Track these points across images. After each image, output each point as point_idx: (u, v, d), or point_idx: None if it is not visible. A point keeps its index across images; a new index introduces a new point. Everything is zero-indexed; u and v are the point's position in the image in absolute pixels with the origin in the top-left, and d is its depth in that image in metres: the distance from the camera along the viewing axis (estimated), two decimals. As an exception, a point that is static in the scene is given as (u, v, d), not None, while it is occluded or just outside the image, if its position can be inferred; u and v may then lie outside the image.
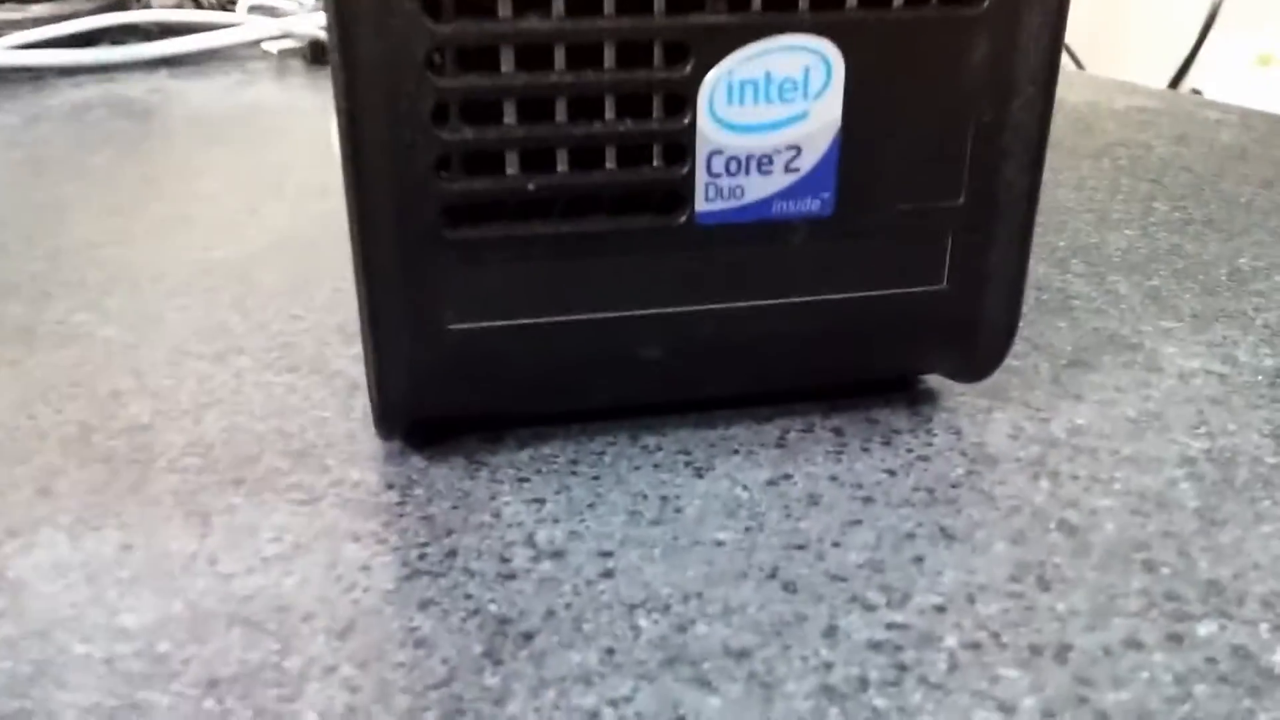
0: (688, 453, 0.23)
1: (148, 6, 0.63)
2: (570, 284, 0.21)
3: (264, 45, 0.61)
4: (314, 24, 0.59)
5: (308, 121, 0.50)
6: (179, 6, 0.64)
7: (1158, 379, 0.27)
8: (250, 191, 0.40)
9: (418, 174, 0.19)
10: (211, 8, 0.64)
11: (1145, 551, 0.20)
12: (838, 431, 0.24)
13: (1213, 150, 0.47)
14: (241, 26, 0.59)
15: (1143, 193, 0.41)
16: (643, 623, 0.18)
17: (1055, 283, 0.32)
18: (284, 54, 0.61)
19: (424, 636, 0.18)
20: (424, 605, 0.19)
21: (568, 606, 0.19)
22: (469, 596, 0.19)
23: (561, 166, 0.20)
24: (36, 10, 0.57)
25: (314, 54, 0.60)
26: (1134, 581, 0.19)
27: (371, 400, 0.21)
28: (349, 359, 0.27)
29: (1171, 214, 0.39)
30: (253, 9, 0.63)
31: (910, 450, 0.24)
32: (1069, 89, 0.58)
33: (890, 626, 0.18)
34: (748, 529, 0.21)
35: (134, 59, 0.58)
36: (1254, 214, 0.39)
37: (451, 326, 0.21)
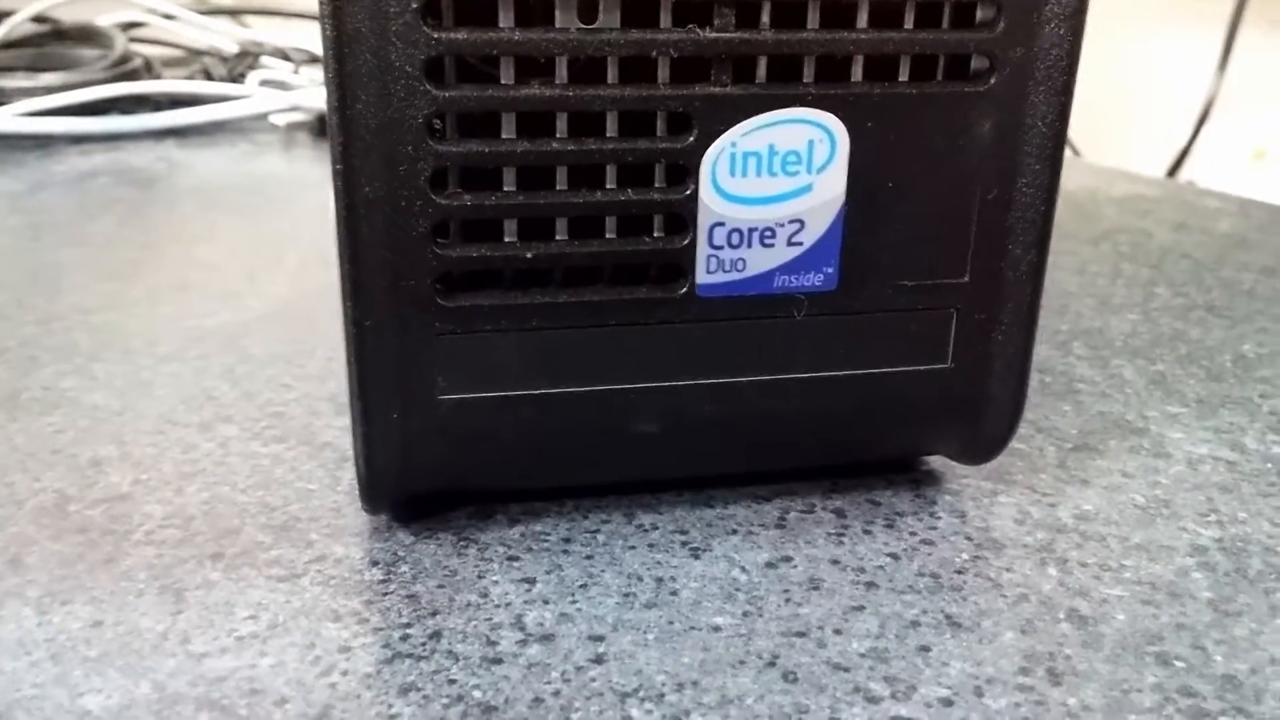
0: (684, 532, 0.23)
1: (158, 77, 0.63)
2: (566, 355, 0.21)
3: (272, 118, 0.62)
4: (322, 98, 0.60)
5: (313, 194, 0.50)
6: (189, 78, 0.65)
7: (1165, 465, 0.26)
8: (250, 261, 0.40)
9: (413, 239, 0.19)
10: (221, 80, 0.65)
11: (1158, 644, 0.19)
12: (839, 513, 0.24)
13: (1212, 238, 0.47)
14: (250, 99, 0.60)
15: (1144, 278, 0.41)
16: (635, 713, 0.17)
17: (1059, 365, 0.32)
18: (291, 127, 0.62)
19: (403, 723, 0.17)
20: (404, 691, 0.18)
21: (556, 694, 0.18)
22: (452, 681, 0.18)
23: (560, 235, 0.20)
24: (47, 79, 0.58)
25: (321, 127, 0.61)
26: (1148, 676, 0.19)
27: (358, 471, 0.21)
28: (338, 430, 0.27)
29: (1173, 299, 0.39)
30: (263, 82, 0.63)
31: (914, 534, 0.23)
32: (1068, 175, 0.58)
33: (895, 721, 0.17)
34: (746, 614, 0.20)
35: (143, 129, 0.58)
36: (1256, 301, 0.38)
37: (442, 396, 0.20)
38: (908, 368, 0.22)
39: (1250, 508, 0.24)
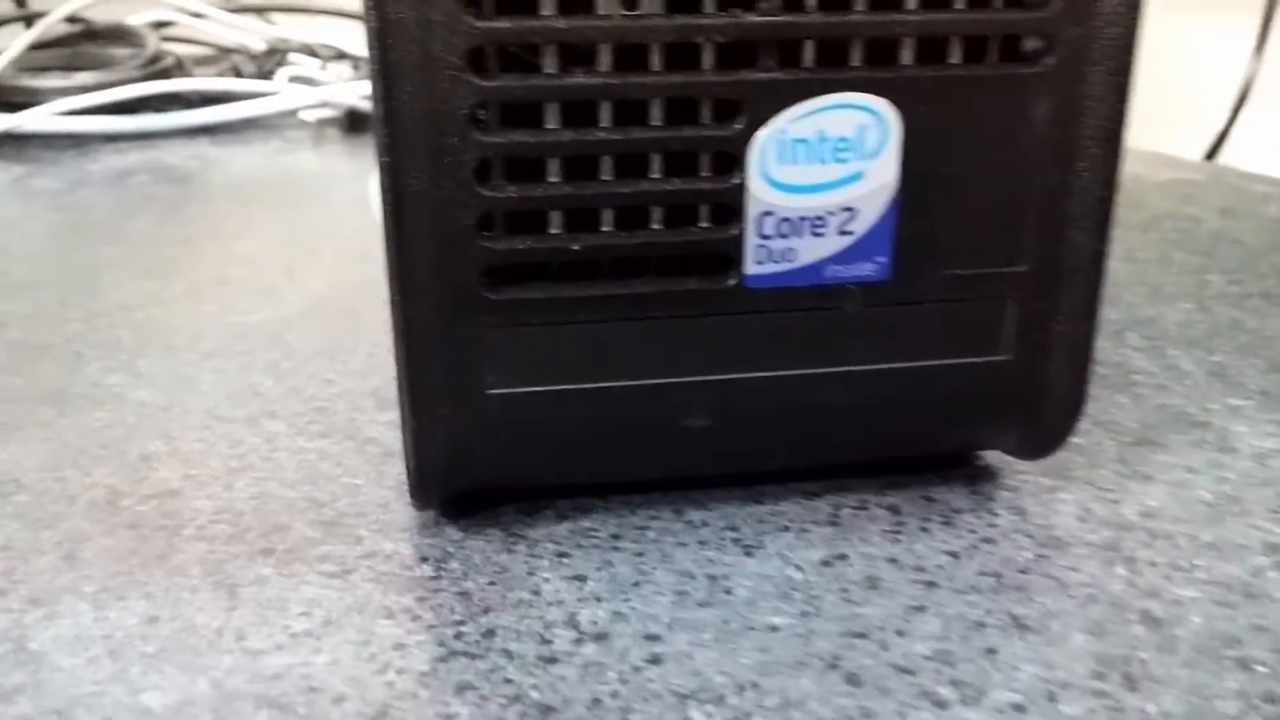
0: (735, 529, 0.22)
1: (190, 76, 0.64)
2: (614, 348, 0.20)
3: (301, 114, 0.62)
4: (351, 93, 0.60)
5: (345, 188, 0.50)
6: (220, 76, 0.65)
7: (1231, 460, 0.25)
8: (287, 256, 0.39)
9: (459, 233, 0.19)
10: (251, 77, 0.65)
11: (1237, 647, 0.19)
12: (893, 509, 0.23)
13: (1263, 223, 0.46)
14: (280, 95, 0.60)
15: (1195, 266, 0.40)
16: (695, 715, 0.17)
17: (1113, 357, 0.31)
18: (321, 123, 0.62)
19: (458, 724, 0.17)
20: (461, 690, 0.18)
21: (614, 695, 0.17)
22: (509, 681, 0.18)
23: (606, 226, 0.20)
24: (81, 79, 0.58)
25: (351, 123, 0.61)
26: (1228, 681, 0.18)
27: (407, 467, 0.21)
28: (383, 425, 0.26)
29: (1228, 287, 0.38)
30: (292, 79, 0.63)
31: (973, 531, 0.22)
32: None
33: (962, 723, 0.17)
34: (804, 613, 0.20)
35: (176, 126, 0.58)
36: (1314, 287, 0.37)
37: (491, 391, 0.20)
38: (963, 360, 0.21)
39: (1319, 501, 0.23)
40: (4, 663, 0.18)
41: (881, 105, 0.19)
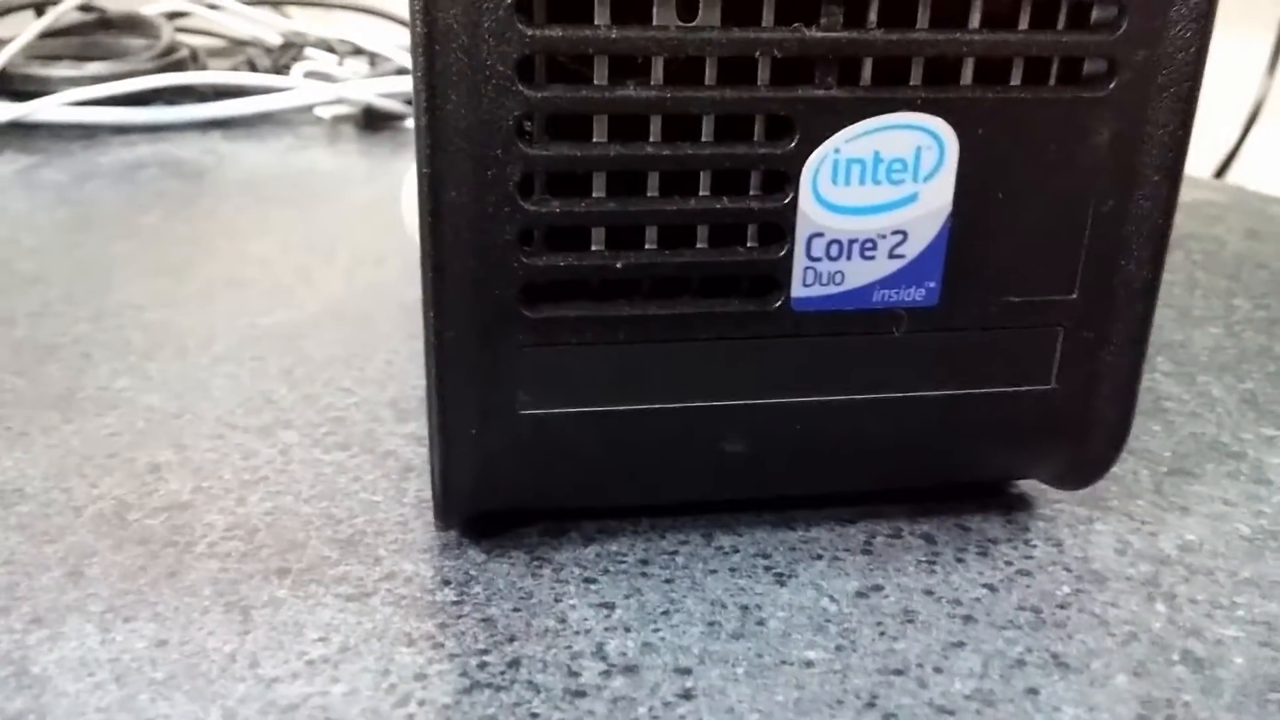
0: (766, 556, 0.22)
1: (203, 68, 0.63)
2: (653, 370, 0.19)
3: (317, 110, 0.61)
4: (368, 90, 0.59)
5: (360, 189, 0.49)
6: (234, 70, 0.64)
7: (1268, 492, 0.25)
8: (302, 257, 0.39)
9: (499, 247, 0.18)
10: (266, 72, 0.64)
11: (1286, 692, 0.18)
12: (928, 539, 0.22)
13: (1289, 247, 0.45)
14: (295, 91, 0.59)
15: (1222, 289, 0.39)
16: (735, 758, 0.16)
17: (1144, 382, 0.31)
18: (337, 120, 0.61)
19: (486, 761, 0.16)
20: (486, 724, 0.17)
21: (647, 733, 0.17)
22: (534, 716, 0.17)
23: (650, 244, 0.19)
24: (92, 68, 0.57)
25: (367, 120, 0.60)
26: (1279, 728, 0.17)
27: (433, 486, 0.20)
28: (402, 438, 0.26)
29: (1255, 312, 0.37)
30: (307, 74, 0.63)
31: (1009, 563, 0.22)
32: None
33: (1010, 772, 0.16)
34: (839, 648, 0.19)
35: (187, 120, 0.57)
36: (1344, 315, 0.37)
37: (524, 411, 0.19)
38: (1009, 388, 0.21)
39: (1363, 541, 0.23)
40: (5, 687, 0.17)
41: (940, 126, 0.18)
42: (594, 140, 0.18)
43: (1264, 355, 0.33)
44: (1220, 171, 1.06)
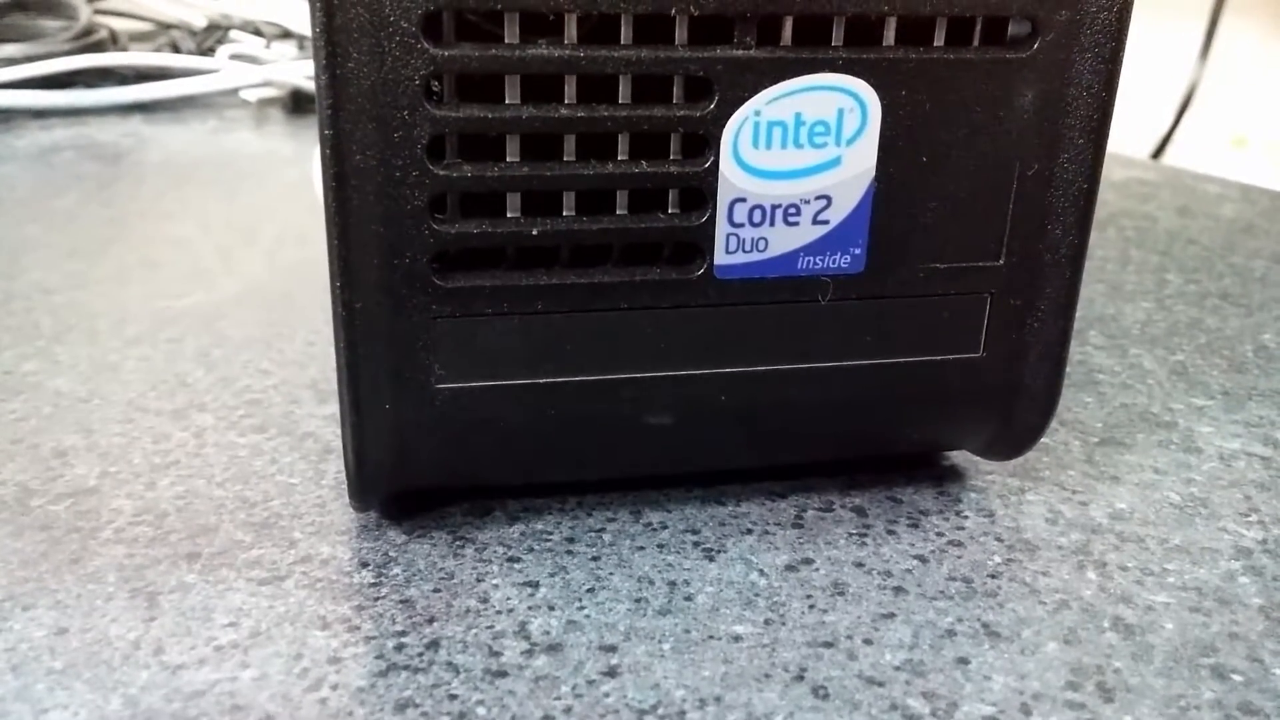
0: (695, 531, 0.21)
1: (124, 50, 0.61)
2: (573, 341, 0.19)
3: (243, 93, 0.59)
4: (295, 73, 0.58)
5: (286, 170, 0.48)
6: (157, 51, 0.62)
7: (1198, 461, 0.25)
8: (223, 238, 0.38)
9: (408, 214, 0.17)
10: (190, 54, 0.62)
11: (1212, 655, 0.18)
12: (859, 511, 0.22)
13: (1218, 224, 0.46)
14: (220, 73, 0.57)
15: (1154, 264, 0.40)
16: (656, 735, 0.16)
17: (1076, 355, 0.31)
18: (263, 103, 0.59)
19: (399, 746, 0.15)
20: (401, 707, 0.16)
21: (567, 711, 0.16)
22: (453, 697, 0.16)
23: (568, 211, 0.18)
24: (8, 50, 0.55)
25: (295, 103, 0.59)
26: (1205, 691, 0.17)
27: (347, 465, 0.19)
28: (321, 419, 0.25)
29: (1186, 286, 0.37)
30: (233, 56, 0.61)
31: (940, 534, 0.21)
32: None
33: (937, 741, 0.16)
34: (768, 621, 0.19)
35: (108, 103, 0.56)
36: (1270, 288, 0.37)
37: (440, 385, 0.19)
38: (937, 356, 0.20)
39: (1288, 505, 0.23)
40: (-106, 678, 0.16)
41: (862, 88, 0.18)
42: (506, 102, 0.17)
43: (1194, 328, 0.33)
44: (1157, 153, 1.08)
